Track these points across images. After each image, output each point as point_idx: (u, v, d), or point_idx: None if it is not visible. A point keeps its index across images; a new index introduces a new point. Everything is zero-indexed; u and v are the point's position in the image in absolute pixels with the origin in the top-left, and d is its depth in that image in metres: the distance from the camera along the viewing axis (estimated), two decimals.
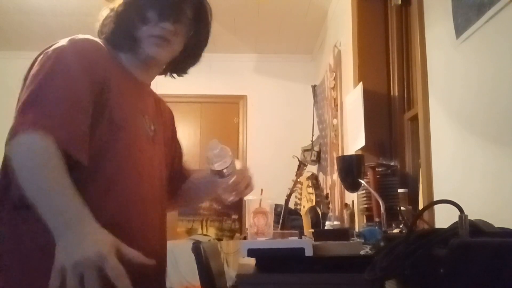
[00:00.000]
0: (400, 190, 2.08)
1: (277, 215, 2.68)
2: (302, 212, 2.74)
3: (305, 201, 2.72)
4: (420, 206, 2.10)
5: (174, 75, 1.39)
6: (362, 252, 1.41)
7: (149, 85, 1.34)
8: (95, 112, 1.09)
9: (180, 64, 1.36)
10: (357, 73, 2.91)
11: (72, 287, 0.86)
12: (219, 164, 1.21)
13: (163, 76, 1.39)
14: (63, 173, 0.97)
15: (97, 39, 1.21)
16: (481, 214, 0.88)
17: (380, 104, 2.79)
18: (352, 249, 1.42)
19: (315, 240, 1.51)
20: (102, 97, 1.11)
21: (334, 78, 3.69)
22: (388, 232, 1.77)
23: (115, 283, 0.87)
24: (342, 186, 2.20)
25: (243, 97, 5.20)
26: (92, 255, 0.87)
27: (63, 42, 1.13)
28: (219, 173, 1.22)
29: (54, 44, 1.13)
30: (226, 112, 5.18)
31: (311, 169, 4.12)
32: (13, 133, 0.98)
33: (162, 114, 1.38)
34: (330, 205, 3.49)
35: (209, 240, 4.01)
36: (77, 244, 0.89)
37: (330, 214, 2.67)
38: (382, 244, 1.41)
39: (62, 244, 0.90)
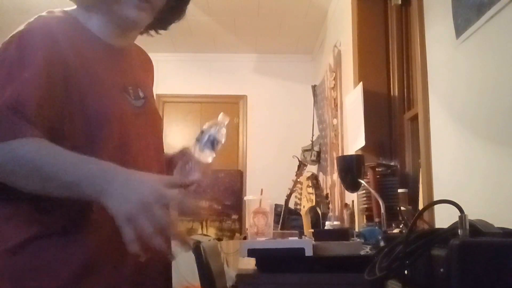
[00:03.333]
0: (400, 190, 2.08)
1: (277, 215, 2.68)
2: (302, 212, 2.73)
3: (305, 201, 2.72)
4: (420, 206, 2.10)
5: (152, 32, 1.25)
6: (362, 252, 1.41)
7: (129, 47, 1.21)
8: (67, 105, 1.00)
9: (161, 22, 1.22)
10: (357, 73, 2.92)
11: (147, 227, 0.86)
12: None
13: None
14: (60, 149, 0.93)
15: (61, 12, 1.10)
16: (481, 214, 0.88)
17: (380, 104, 2.79)
18: (352, 249, 1.42)
19: (315, 240, 1.51)
20: (73, 84, 1.01)
21: (334, 78, 3.69)
22: (388, 232, 1.77)
23: (182, 207, 0.92)
24: (342, 186, 2.20)
25: (243, 97, 5.21)
26: (149, 193, 0.88)
27: (21, 28, 1.03)
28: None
29: (14, 32, 1.04)
30: (226, 112, 5.09)
31: (311, 169, 4.12)
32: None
33: (148, 70, 1.29)
34: (330, 205, 3.49)
35: (209, 240, 4.01)
36: (128, 190, 0.89)
37: (330, 214, 2.66)
38: (382, 244, 1.41)
39: (111, 198, 0.88)
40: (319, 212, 2.81)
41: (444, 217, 1.66)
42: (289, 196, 2.96)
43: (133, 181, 0.91)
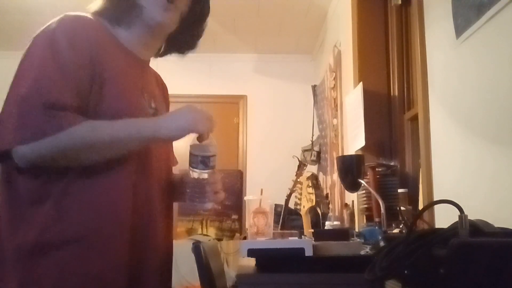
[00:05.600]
0: (400, 190, 2.08)
1: (277, 215, 2.68)
2: (302, 212, 2.73)
3: (305, 201, 2.72)
4: (420, 206, 2.10)
5: (179, 53, 1.34)
6: (362, 252, 1.41)
7: (149, 62, 1.29)
8: (92, 99, 1.06)
9: (186, 38, 1.31)
10: (357, 73, 2.91)
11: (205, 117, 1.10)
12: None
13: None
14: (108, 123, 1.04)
15: (91, 16, 1.15)
16: (481, 214, 0.88)
17: (380, 104, 2.79)
18: (352, 249, 1.42)
19: (315, 240, 1.51)
20: (98, 80, 1.06)
21: (334, 78, 3.69)
22: (388, 232, 1.77)
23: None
24: (342, 186, 2.20)
25: (243, 97, 5.20)
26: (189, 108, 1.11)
27: (52, 25, 1.07)
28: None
29: (43, 28, 1.07)
30: (226, 112, 5.17)
31: (311, 169, 4.12)
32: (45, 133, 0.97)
33: (163, 90, 1.36)
34: (330, 205, 3.49)
35: (209, 240, 4.00)
36: (173, 115, 1.10)
37: (330, 214, 2.67)
38: (382, 244, 1.41)
39: (165, 125, 1.07)
40: (319, 212, 2.81)
41: (444, 217, 1.66)
42: (289, 196, 2.96)
43: (171, 113, 1.13)
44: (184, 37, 1.30)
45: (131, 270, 1.07)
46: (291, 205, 3.04)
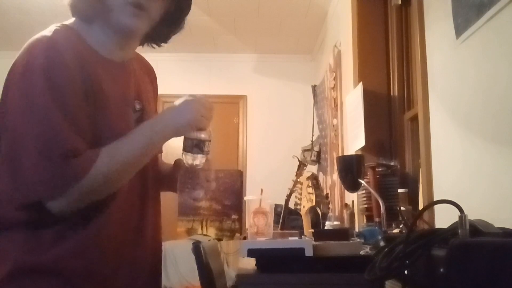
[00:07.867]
0: (400, 190, 2.08)
1: (277, 215, 2.68)
2: (302, 212, 2.73)
3: (305, 201, 2.72)
4: (420, 206, 2.10)
5: (154, 45, 1.28)
6: (362, 252, 1.41)
7: (129, 59, 1.21)
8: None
9: (161, 33, 1.24)
10: (357, 73, 2.92)
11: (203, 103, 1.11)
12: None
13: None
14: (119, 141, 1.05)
15: (65, 28, 1.08)
16: (481, 214, 0.89)
17: (380, 104, 2.79)
18: (352, 249, 1.42)
19: (315, 240, 1.51)
20: (88, 108, 1.03)
21: (334, 78, 3.69)
22: (388, 232, 1.77)
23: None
24: (342, 186, 2.20)
25: (243, 97, 5.21)
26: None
27: (37, 56, 1.00)
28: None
29: (27, 56, 1.01)
30: (226, 112, 5.17)
31: (311, 169, 4.12)
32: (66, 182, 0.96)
33: (148, 73, 1.31)
34: (330, 205, 3.49)
35: (209, 240, 4.00)
36: (172, 109, 1.10)
37: (330, 214, 2.66)
38: (382, 244, 1.41)
39: (170, 121, 1.09)
40: (319, 212, 2.81)
41: (444, 217, 1.66)
42: (289, 196, 2.96)
43: (172, 109, 1.11)
44: (159, 33, 1.24)
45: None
46: (291, 205, 3.04)
